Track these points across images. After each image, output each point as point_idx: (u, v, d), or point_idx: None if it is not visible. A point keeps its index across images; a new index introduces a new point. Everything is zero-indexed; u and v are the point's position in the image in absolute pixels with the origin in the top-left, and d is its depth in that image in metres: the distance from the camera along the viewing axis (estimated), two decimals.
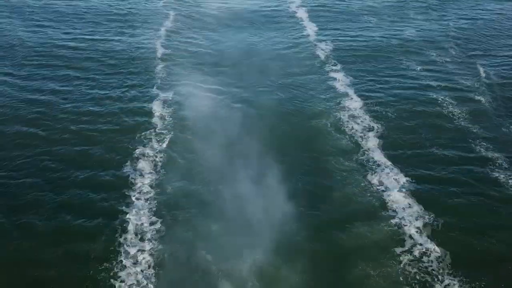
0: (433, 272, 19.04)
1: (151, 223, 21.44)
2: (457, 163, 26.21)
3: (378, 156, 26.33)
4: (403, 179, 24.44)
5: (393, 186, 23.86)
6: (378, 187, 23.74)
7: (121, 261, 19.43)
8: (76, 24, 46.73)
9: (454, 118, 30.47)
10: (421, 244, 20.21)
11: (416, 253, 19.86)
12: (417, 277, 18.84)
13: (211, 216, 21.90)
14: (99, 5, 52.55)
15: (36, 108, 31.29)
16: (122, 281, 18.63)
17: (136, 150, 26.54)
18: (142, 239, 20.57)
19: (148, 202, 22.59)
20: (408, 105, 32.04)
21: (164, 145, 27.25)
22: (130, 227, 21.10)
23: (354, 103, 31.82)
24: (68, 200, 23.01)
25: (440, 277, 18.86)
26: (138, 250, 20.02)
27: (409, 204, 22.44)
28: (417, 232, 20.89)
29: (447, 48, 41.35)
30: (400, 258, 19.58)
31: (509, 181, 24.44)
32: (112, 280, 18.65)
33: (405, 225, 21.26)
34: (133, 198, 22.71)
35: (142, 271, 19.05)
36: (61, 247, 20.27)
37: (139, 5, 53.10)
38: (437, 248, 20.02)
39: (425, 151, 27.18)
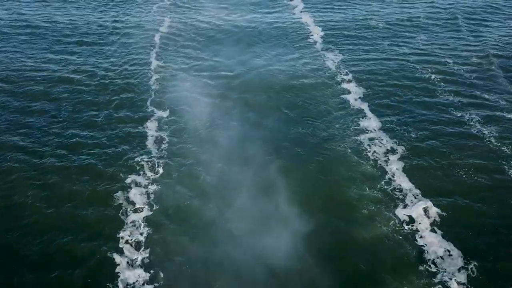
0: None
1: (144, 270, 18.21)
2: (489, 188, 23.45)
3: (404, 182, 23.24)
4: (434, 213, 21.35)
5: (425, 223, 20.76)
6: (408, 226, 20.58)
7: None
8: (67, 32, 43.19)
9: (483, 138, 27.36)
10: None
11: None
12: None
13: (212, 268, 18.72)
14: (90, 14, 49.08)
15: (23, 126, 28.19)
16: None
17: (128, 179, 23.22)
18: None
19: (141, 247, 19.29)
20: (430, 122, 28.85)
21: (160, 171, 23.97)
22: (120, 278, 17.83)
23: (371, 121, 28.57)
24: (54, 235, 20.19)
25: None
26: None
27: (448, 250, 19.31)
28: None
29: (469, 60, 37.34)
30: None
31: None
32: None
33: (447, 281, 18.15)
34: (123, 242, 19.37)
35: None
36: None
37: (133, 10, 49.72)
38: None
39: (453, 176, 24.33)
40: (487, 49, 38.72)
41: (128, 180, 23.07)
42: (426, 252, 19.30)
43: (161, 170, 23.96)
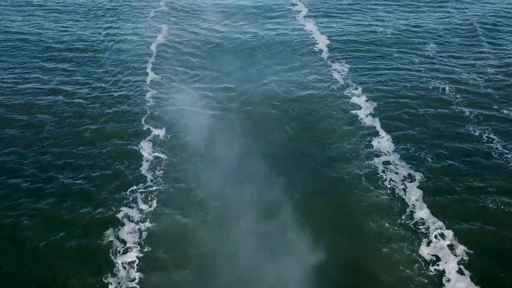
0: None
1: None
2: None
3: (426, 214, 21.06)
4: (461, 251, 19.21)
5: (451, 261, 18.64)
6: (434, 267, 18.37)
7: None
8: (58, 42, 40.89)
9: (505, 158, 25.16)
10: None
11: None
12: None
13: None
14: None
15: (6, 144, 26.03)
16: None
17: (120, 212, 20.93)
18: None
19: None
20: (447, 140, 26.65)
21: (155, 200, 21.72)
22: None
23: (383, 141, 26.32)
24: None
25: None
26: None
27: None
28: None
29: (485, 70, 34.89)
30: None
31: None
32: None
33: None
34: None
35: None
36: None
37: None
38: None
39: (477, 203, 22.26)
40: (505, 58, 36.50)
41: (120, 214, 20.77)
42: None
43: (156, 200, 21.73)
